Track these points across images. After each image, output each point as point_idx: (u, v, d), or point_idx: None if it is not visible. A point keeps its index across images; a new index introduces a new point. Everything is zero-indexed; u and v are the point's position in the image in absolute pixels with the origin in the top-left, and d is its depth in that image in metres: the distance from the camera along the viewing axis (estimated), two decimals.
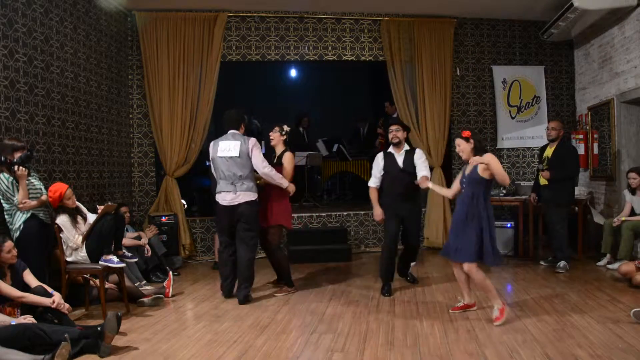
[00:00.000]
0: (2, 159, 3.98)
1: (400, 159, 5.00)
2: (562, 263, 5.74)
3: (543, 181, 5.98)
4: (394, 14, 7.46)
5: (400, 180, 4.94)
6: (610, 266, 5.73)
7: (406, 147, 5.08)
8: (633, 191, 5.83)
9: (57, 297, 3.61)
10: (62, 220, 4.34)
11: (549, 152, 6.02)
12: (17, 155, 4.07)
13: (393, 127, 5.09)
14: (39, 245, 4.21)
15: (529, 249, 6.65)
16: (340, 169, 9.21)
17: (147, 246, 5.71)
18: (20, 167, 4.00)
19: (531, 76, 7.85)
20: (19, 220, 4.12)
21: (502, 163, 7.72)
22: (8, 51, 4.52)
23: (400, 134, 5.03)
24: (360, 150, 9.20)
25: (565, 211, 5.88)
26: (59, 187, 4.42)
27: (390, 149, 5.10)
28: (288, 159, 5.09)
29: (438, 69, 7.43)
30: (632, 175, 5.78)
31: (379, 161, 5.12)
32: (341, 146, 9.06)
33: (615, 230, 5.75)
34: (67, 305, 3.64)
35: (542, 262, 6.14)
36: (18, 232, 4.08)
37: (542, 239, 6.88)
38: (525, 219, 6.62)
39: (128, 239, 5.41)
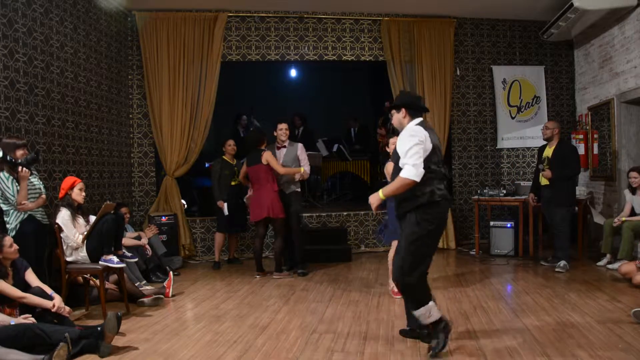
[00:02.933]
0: (8, 158, 3.99)
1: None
2: (562, 263, 5.74)
3: (544, 181, 5.98)
4: (394, 14, 7.46)
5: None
6: (610, 266, 5.73)
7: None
8: (633, 191, 5.83)
9: (58, 300, 3.60)
10: (63, 218, 4.33)
11: (548, 151, 6.02)
12: (19, 152, 4.07)
13: None
14: (35, 245, 4.21)
15: (529, 249, 6.65)
16: (340, 169, 9.20)
17: (147, 246, 5.71)
18: (24, 169, 4.00)
19: (531, 76, 7.85)
20: (15, 220, 4.12)
21: (502, 163, 7.88)
22: (8, 51, 4.52)
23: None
24: (352, 150, 9.18)
25: (568, 211, 5.88)
26: (74, 178, 4.54)
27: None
28: None
29: (438, 69, 7.43)
30: (633, 174, 5.77)
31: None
32: (341, 146, 9.06)
33: (615, 230, 5.74)
34: (67, 309, 3.63)
35: (542, 262, 6.14)
36: (14, 232, 4.08)
37: (542, 239, 6.88)
38: (525, 219, 6.62)
39: (128, 239, 5.41)
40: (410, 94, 3.79)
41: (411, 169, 3.14)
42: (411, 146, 3.17)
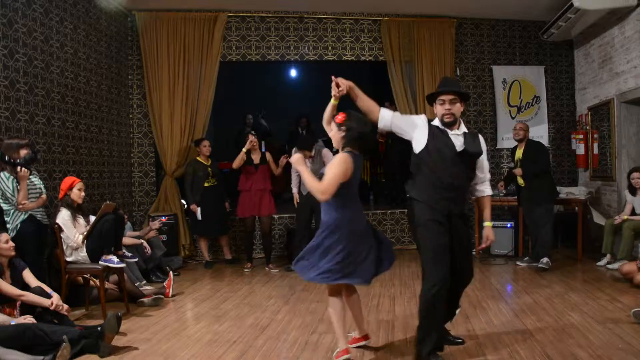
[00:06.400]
0: (7, 158, 3.99)
1: (459, 139, 3.22)
2: (544, 259, 5.80)
3: (521, 182, 6.10)
4: (394, 14, 7.46)
5: (456, 171, 3.18)
6: (610, 266, 5.73)
7: (463, 127, 3.31)
8: (634, 192, 5.82)
9: (56, 298, 3.60)
10: (63, 218, 4.34)
11: (518, 153, 6.19)
12: (23, 152, 4.08)
13: (446, 98, 3.22)
14: (35, 246, 4.21)
15: (529, 249, 6.64)
16: None
17: (146, 244, 5.69)
18: (23, 169, 4.00)
19: (531, 76, 7.84)
20: (15, 220, 4.12)
21: (502, 163, 7.87)
22: (8, 51, 4.52)
23: (456, 109, 3.24)
24: None
25: (548, 208, 5.96)
26: (73, 178, 4.53)
27: (440, 125, 3.27)
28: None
29: (438, 69, 7.42)
30: (636, 175, 5.78)
31: (418, 123, 3.26)
32: None
33: (616, 231, 5.75)
34: (65, 307, 3.63)
35: (518, 263, 6.19)
36: (14, 232, 4.08)
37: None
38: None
39: (128, 238, 5.40)
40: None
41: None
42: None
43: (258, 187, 6.21)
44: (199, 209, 6.47)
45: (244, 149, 6.13)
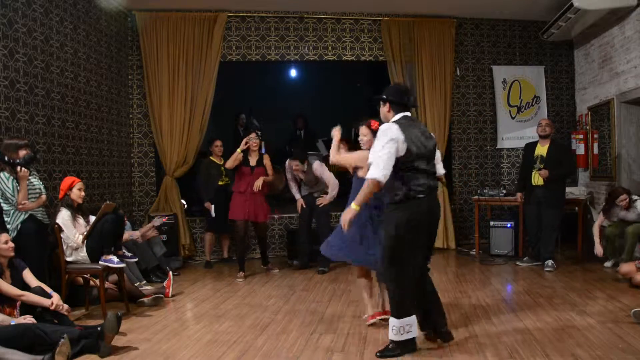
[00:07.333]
0: (6, 159, 3.99)
1: None
2: (550, 262, 5.80)
3: (539, 181, 5.90)
4: (394, 14, 7.46)
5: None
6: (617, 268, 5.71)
7: None
8: (615, 210, 5.73)
9: (56, 298, 3.60)
10: (63, 218, 4.34)
11: (541, 150, 5.96)
12: (22, 153, 4.08)
13: None
14: (37, 246, 4.20)
15: (529, 249, 6.64)
16: (340, 168, 9.18)
17: (134, 234, 5.66)
18: (23, 169, 4.00)
19: (531, 76, 7.84)
20: (16, 221, 4.12)
21: (502, 163, 7.88)
22: (8, 51, 4.52)
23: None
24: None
25: (560, 212, 5.93)
26: (73, 178, 4.54)
27: None
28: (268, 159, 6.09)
29: (438, 69, 7.43)
30: (622, 197, 5.56)
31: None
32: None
33: (618, 235, 5.72)
34: (66, 307, 3.63)
35: (518, 263, 6.17)
36: (15, 233, 4.07)
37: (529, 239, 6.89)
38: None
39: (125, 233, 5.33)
40: (396, 87, 3.60)
41: (374, 169, 3.05)
42: (381, 145, 3.09)
43: (252, 191, 5.80)
44: (212, 206, 6.48)
45: (238, 149, 5.86)
